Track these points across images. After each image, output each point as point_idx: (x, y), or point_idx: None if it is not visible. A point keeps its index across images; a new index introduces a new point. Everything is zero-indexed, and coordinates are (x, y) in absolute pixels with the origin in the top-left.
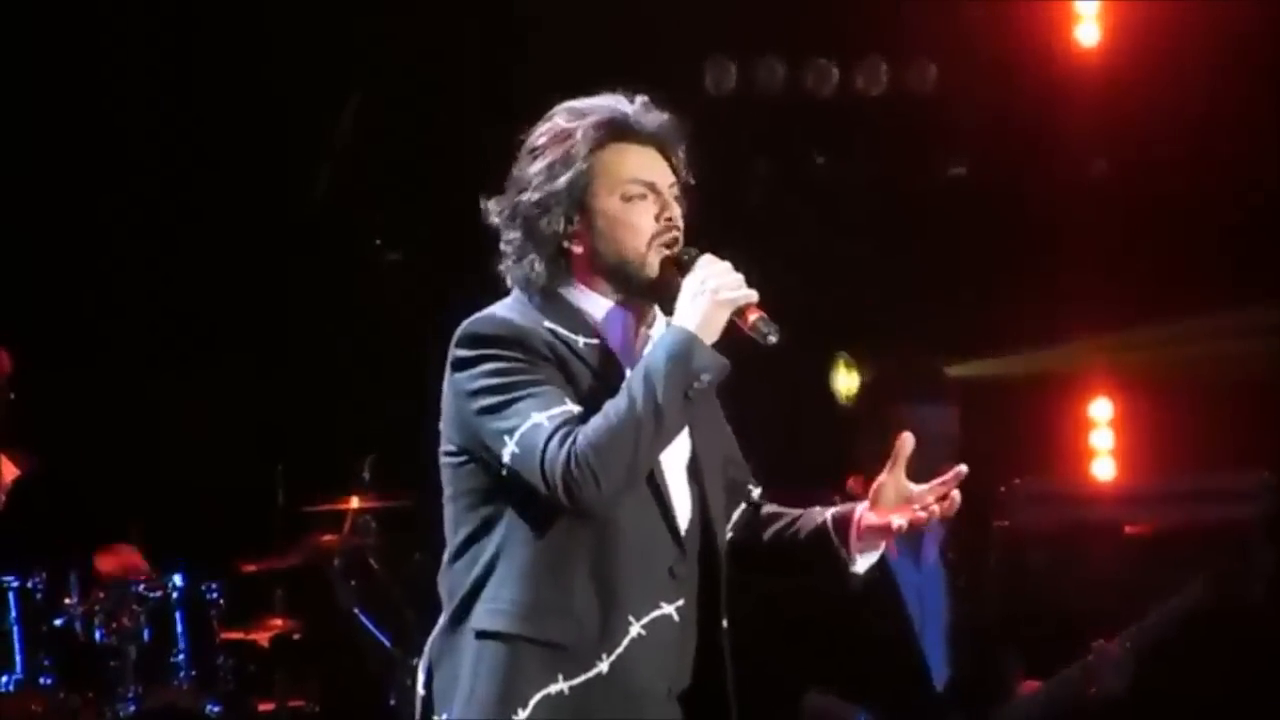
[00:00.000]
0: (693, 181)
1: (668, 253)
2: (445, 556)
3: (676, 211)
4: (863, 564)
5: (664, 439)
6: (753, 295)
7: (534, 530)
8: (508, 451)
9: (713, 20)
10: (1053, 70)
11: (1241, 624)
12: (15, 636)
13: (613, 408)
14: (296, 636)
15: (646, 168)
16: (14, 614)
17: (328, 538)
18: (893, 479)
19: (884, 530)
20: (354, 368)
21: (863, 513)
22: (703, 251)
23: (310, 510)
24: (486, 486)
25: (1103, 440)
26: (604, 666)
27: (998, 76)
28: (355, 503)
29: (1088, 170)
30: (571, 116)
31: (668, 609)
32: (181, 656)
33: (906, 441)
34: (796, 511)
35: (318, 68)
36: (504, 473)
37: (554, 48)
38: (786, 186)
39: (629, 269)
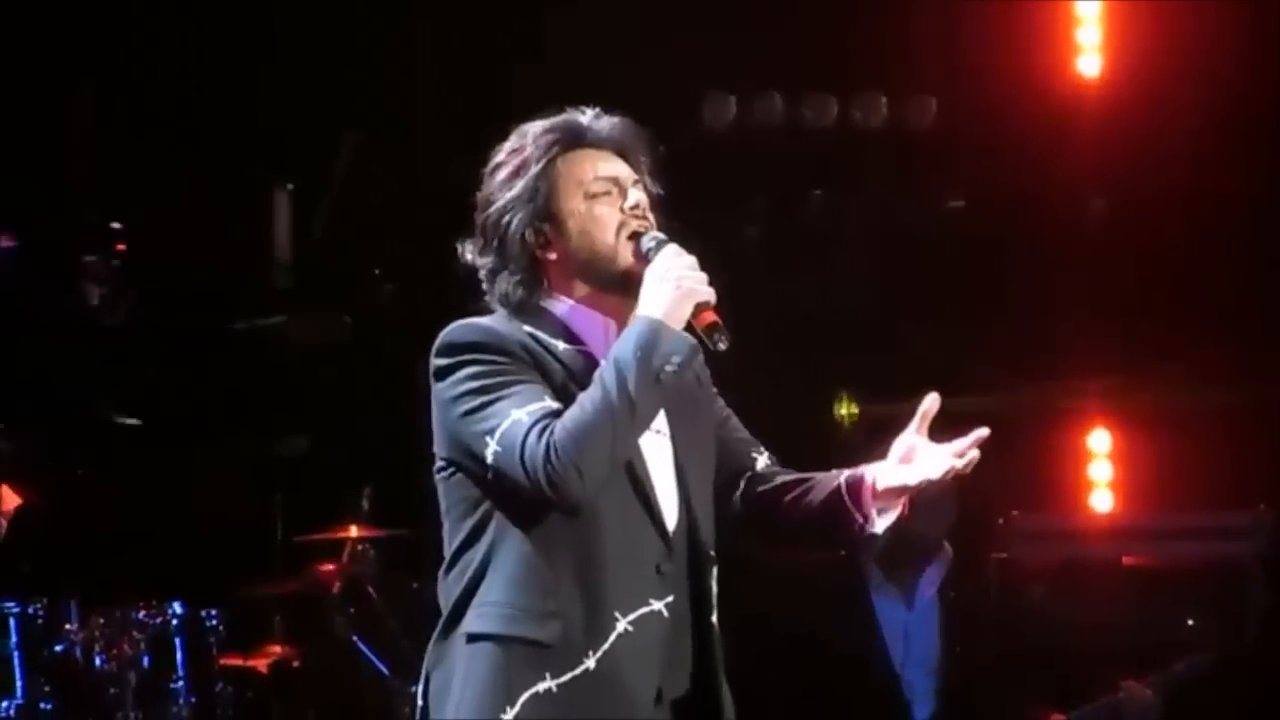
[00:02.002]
0: (658, 189)
1: (634, 245)
2: (440, 570)
3: (643, 200)
4: (881, 524)
5: (639, 426)
6: (712, 295)
7: (520, 533)
8: (490, 451)
9: (712, 55)
10: (1052, 104)
11: (1238, 660)
12: (16, 662)
13: (587, 399)
14: (295, 664)
15: (606, 167)
16: (14, 640)
17: (327, 566)
18: (918, 439)
19: (901, 491)
20: (352, 398)
21: (878, 473)
22: (670, 243)
23: (309, 539)
24: (474, 495)
25: (1100, 473)
26: (591, 663)
27: (997, 111)
28: (354, 531)
29: (1086, 204)
30: (526, 133)
31: (656, 605)
32: (181, 683)
33: (932, 402)
34: (812, 476)
35: (316, 103)
36: (489, 475)
37: (552, 83)
38: (785, 220)
39: (601, 262)
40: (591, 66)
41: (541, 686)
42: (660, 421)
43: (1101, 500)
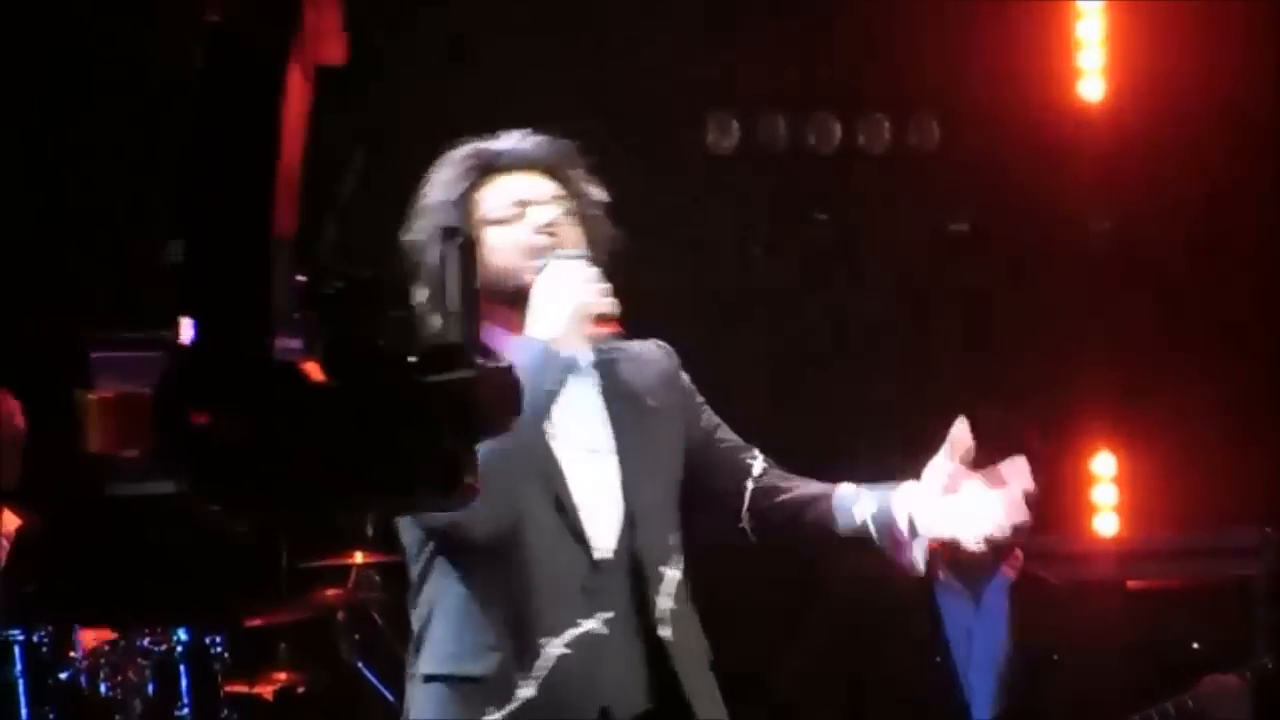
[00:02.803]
0: (599, 195)
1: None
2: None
3: (553, 216)
4: (921, 561)
5: (534, 449)
6: (608, 306)
7: (457, 571)
8: None
9: (715, 77)
10: (1056, 125)
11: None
12: (20, 690)
13: None
14: (300, 690)
15: (519, 190)
16: (19, 667)
17: (332, 592)
18: (951, 466)
19: (946, 541)
20: None
21: (915, 512)
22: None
23: (314, 565)
24: (417, 539)
25: (1105, 496)
26: (530, 691)
27: (1001, 132)
28: (359, 557)
29: (1091, 226)
30: (445, 164)
31: (589, 624)
32: (186, 710)
33: (962, 430)
34: (824, 491)
35: (322, 122)
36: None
37: (555, 104)
38: (789, 243)
39: (502, 281)
40: (595, 87)
41: (488, 719)
42: (602, 440)
43: (1106, 523)
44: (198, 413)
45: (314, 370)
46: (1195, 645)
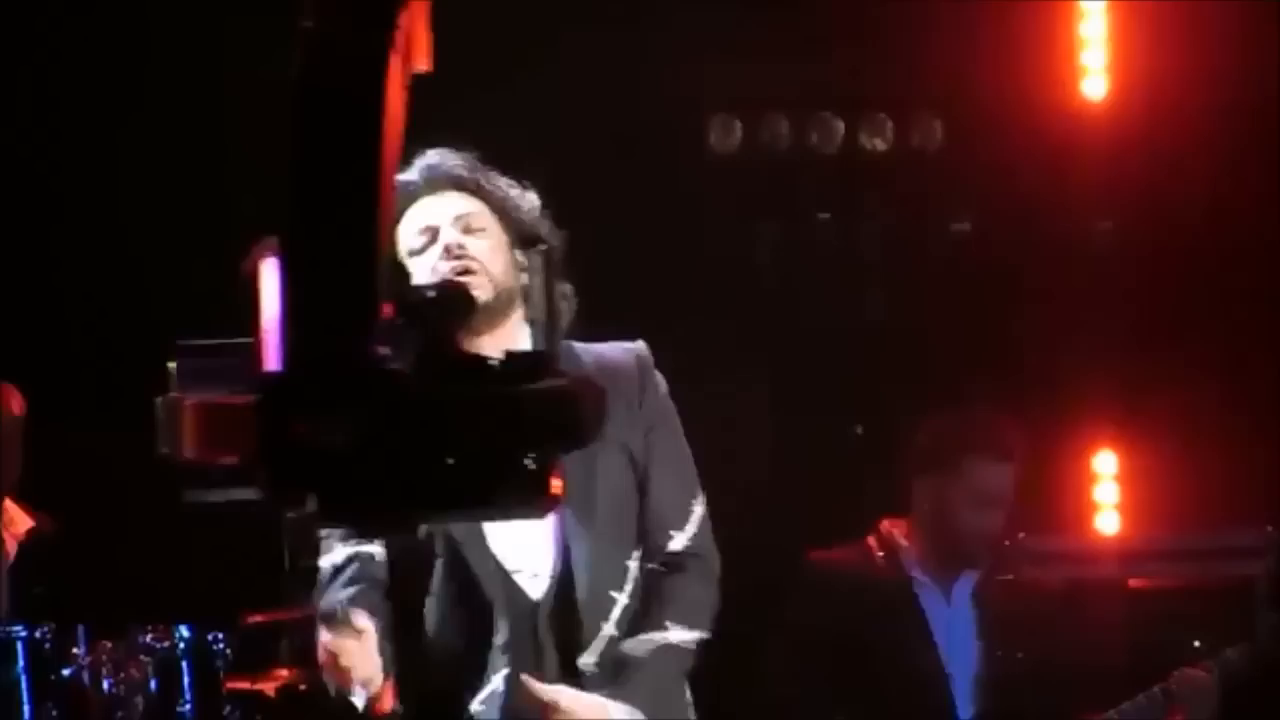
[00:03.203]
0: (520, 195)
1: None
2: None
3: (463, 241)
4: None
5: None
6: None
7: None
8: None
9: (717, 77)
10: (1059, 125)
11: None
12: (23, 687)
13: None
14: (303, 687)
15: (425, 215)
16: (21, 664)
17: None
18: None
19: None
20: None
21: None
22: None
23: (318, 561)
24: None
25: (1107, 495)
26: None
27: (1004, 132)
28: None
29: (1094, 225)
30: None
31: (495, 680)
32: (188, 707)
33: None
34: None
35: None
36: None
37: (557, 103)
38: (791, 243)
39: None
40: (597, 87)
41: None
42: None
43: (1108, 522)
44: (303, 420)
45: (410, 378)
46: (1196, 643)
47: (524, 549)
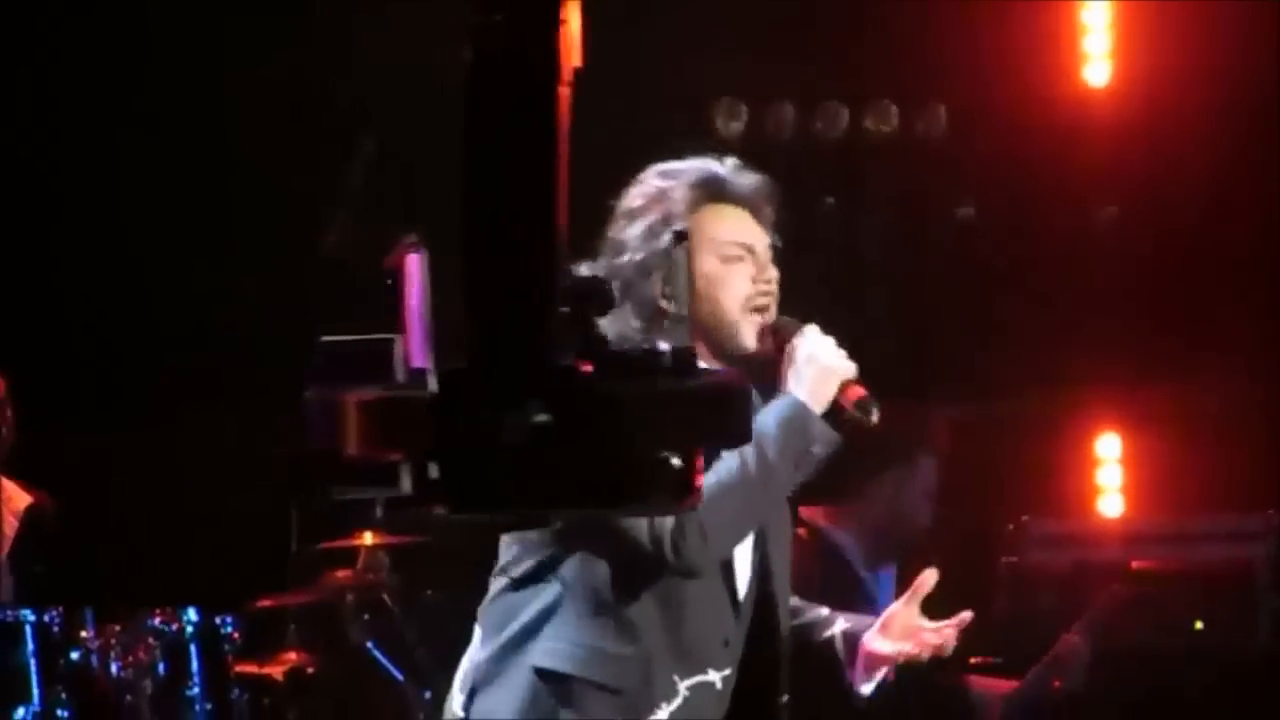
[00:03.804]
0: (779, 242)
1: (760, 320)
2: (498, 585)
3: (773, 274)
4: (868, 688)
5: (771, 499)
6: (853, 369)
7: (604, 573)
8: None
9: (723, 63)
10: (1062, 112)
11: (1249, 666)
12: (32, 671)
13: (723, 467)
14: (310, 671)
15: (743, 229)
16: (30, 648)
17: (341, 573)
18: (908, 611)
19: (888, 659)
20: None
21: (870, 639)
22: (806, 324)
23: (324, 546)
24: (561, 527)
25: (1110, 477)
26: (664, 716)
27: (1007, 118)
28: (369, 539)
29: (1097, 210)
30: (666, 177)
31: (713, 676)
32: (196, 690)
33: (929, 577)
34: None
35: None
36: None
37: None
38: (796, 228)
39: (722, 334)
40: (603, 75)
41: None
42: None
43: (1111, 505)
44: (487, 415)
45: (587, 374)
46: (1198, 625)
47: (740, 552)
